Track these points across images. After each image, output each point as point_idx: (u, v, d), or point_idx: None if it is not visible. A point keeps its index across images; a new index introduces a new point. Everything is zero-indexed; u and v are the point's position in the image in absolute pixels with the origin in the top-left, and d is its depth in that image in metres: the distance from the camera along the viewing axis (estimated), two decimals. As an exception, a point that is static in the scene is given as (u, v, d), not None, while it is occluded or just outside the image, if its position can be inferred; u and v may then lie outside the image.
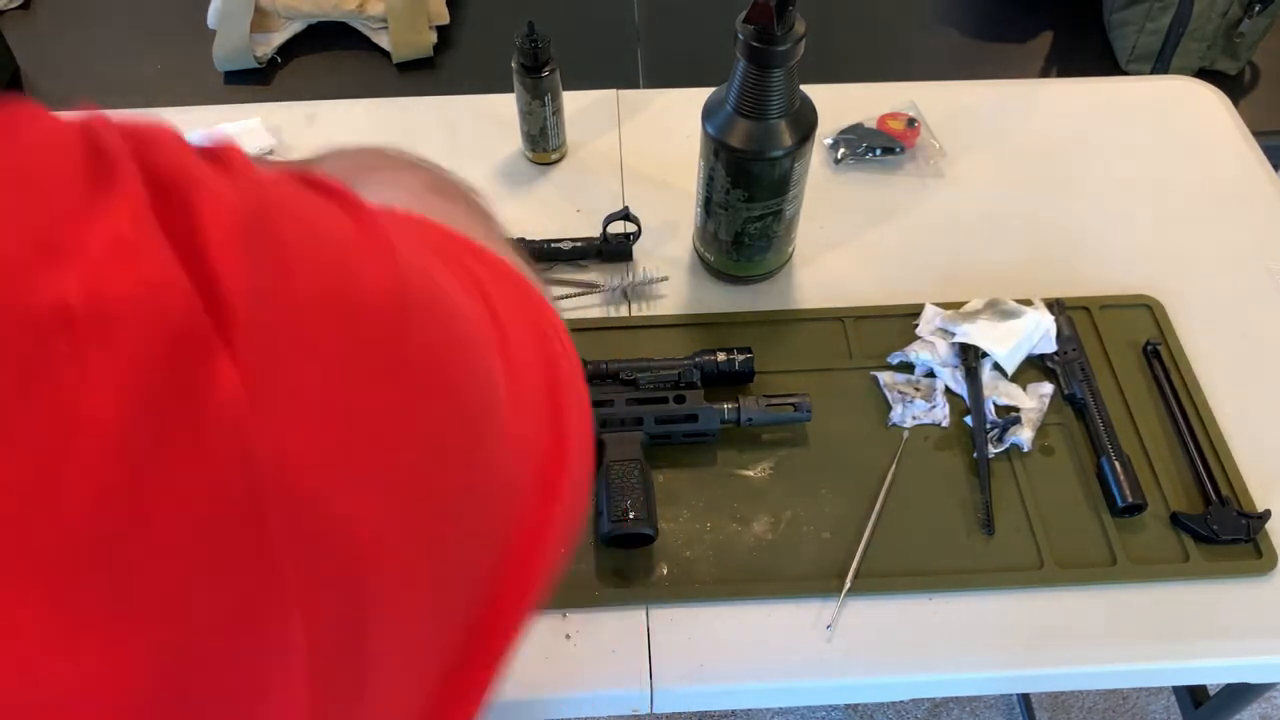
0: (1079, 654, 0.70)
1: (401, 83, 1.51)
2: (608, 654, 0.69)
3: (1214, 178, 1.01)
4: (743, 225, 0.84)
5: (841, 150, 1.01)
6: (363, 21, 1.53)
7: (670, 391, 0.78)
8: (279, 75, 1.52)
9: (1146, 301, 0.89)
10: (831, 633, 0.70)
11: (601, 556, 0.73)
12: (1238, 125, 1.06)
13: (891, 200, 0.98)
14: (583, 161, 1.02)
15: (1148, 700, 1.56)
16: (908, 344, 0.85)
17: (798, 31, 0.73)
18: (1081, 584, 0.72)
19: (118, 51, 1.57)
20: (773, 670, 0.69)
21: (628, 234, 0.92)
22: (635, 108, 1.08)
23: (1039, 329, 0.83)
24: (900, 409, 0.81)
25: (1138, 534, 0.75)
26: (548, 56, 0.93)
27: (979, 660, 0.70)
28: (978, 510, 0.76)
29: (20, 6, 1.63)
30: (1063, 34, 1.61)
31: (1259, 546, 0.74)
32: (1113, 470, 0.76)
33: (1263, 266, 0.93)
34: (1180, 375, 0.83)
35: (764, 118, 0.77)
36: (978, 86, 1.12)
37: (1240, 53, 1.49)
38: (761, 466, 0.78)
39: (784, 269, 0.92)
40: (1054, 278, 0.90)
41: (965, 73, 1.48)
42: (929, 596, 0.72)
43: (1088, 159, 1.02)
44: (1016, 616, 0.71)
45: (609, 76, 1.21)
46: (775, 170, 0.79)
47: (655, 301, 0.90)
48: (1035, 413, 0.80)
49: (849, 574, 0.72)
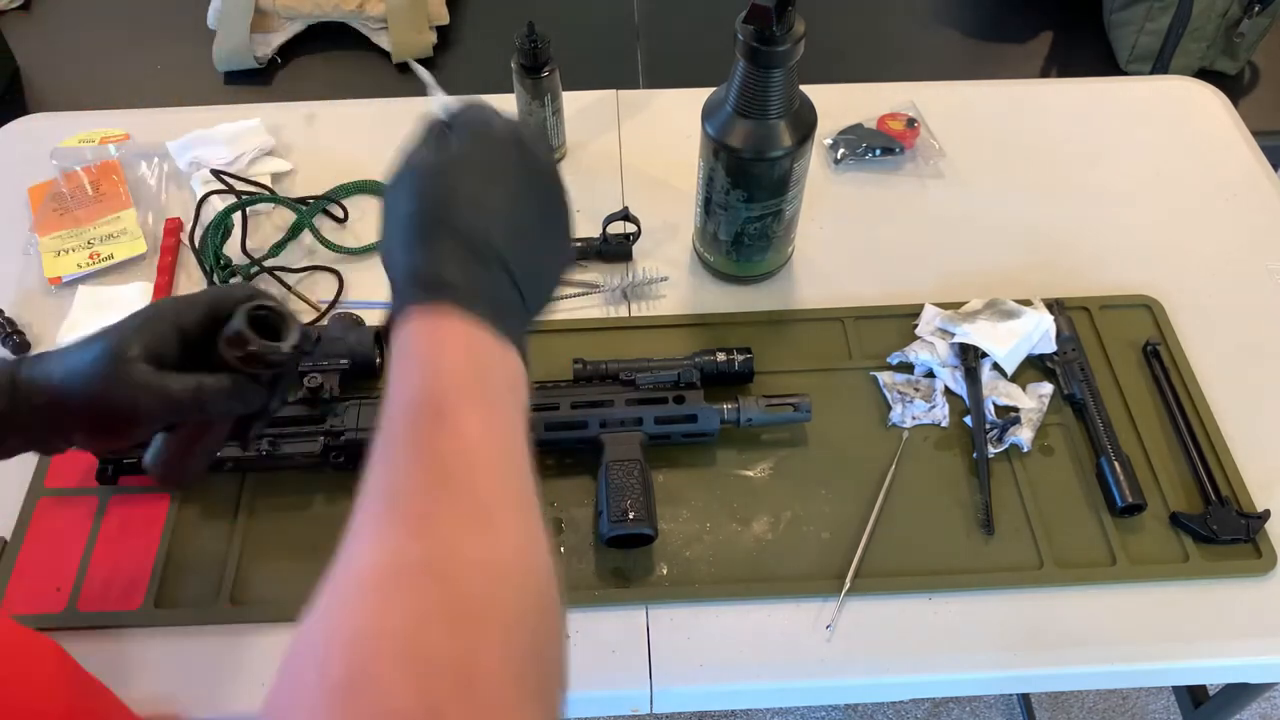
0: (1079, 654, 0.70)
1: (401, 83, 1.51)
2: (608, 654, 0.69)
3: (1214, 178, 1.01)
4: (743, 225, 0.84)
5: (841, 150, 1.01)
6: (363, 21, 1.54)
7: (670, 392, 0.78)
8: (279, 75, 1.53)
9: (1146, 301, 0.89)
10: (831, 633, 0.70)
11: (601, 556, 0.73)
12: (1238, 125, 1.06)
13: (891, 200, 0.98)
14: (583, 161, 1.02)
15: (1148, 700, 1.56)
16: (907, 344, 0.85)
17: (797, 31, 0.73)
18: (1081, 584, 0.72)
19: (118, 51, 1.57)
20: (773, 670, 0.69)
21: (628, 234, 0.92)
22: (635, 108, 1.08)
23: (1039, 329, 0.83)
24: (900, 409, 0.81)
25: (1137, 534, 0.75)
26: (548, 56, 0.93)
27: (979, 660, 0.70)
28: (977, 510, 0.76)
29: (20, 6, 1.63)
30: (1063, 34, 1.61)
31: (1259, 546, 0.74)
32: (1112, 470, 0.76)
33: (1263, 266, 0.93)
34: (1180, 375, 0.83)
35: (764, 118, 0.77)
36: (978, 86, 1.12)
37: (1240, 53, 1.50)
38: (761, 466, 0.78)
39: (784, 269, 0.92)
40: (1054, 278, 0.90)
41: (965, 73, 1.48)
42: (929, 596, 0.72)
43: (1088, 159, 1.02)
44: (1016, 616, 0.71)
45: (609, 76, 1.21)
46: (775, 170, 0.79)
47: (655, 301, 0.90)
48: (1035, 413, 0.80)
49: (849, 574, 0.72)
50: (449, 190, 0.48)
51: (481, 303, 0.45)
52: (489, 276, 0.47)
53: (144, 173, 1.00)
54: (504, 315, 0.46)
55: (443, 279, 0.45)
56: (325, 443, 0.74)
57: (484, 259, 0.47)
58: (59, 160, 1.01)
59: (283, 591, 0.72)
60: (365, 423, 0.75)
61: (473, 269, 0.46)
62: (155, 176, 1.00)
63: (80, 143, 1.02)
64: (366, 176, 0.99)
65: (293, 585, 0.72)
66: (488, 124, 0.51)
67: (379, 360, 0.81)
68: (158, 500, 0.76)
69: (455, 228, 0.47)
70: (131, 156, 1.01)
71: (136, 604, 0.71)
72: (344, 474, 0.76)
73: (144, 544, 0.73)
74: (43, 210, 0.97)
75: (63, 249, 0.93)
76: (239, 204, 0.93)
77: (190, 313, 0.55)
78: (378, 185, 0.98)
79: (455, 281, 0.45)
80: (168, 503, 0.76)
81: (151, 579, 0.72)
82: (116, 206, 0.96)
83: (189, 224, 0.95)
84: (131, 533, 0.74)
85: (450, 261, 0.46)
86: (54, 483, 0.77)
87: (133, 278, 0.92)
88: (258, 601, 0.71)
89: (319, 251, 0.93)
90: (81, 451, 0.74)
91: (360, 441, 0.74)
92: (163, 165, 1.01)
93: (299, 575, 0.72)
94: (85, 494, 0.76)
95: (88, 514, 0.75)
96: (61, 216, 0.96)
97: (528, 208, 0.50)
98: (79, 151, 1.01)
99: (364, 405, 0.76)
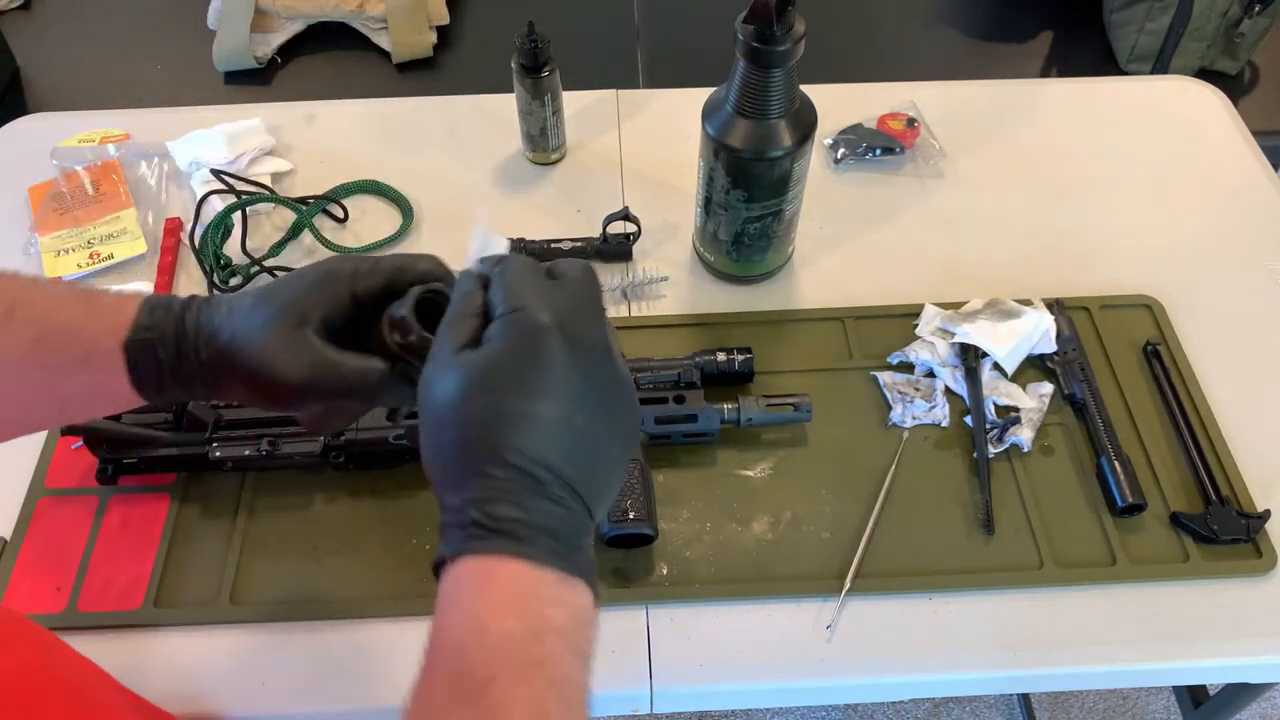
0: (1079, 654, 0.70)
1: (401, 83, 1.51)
2: (608, 654, 0.69)
3: (1214, 178, 1.01)
4: (743, 225, 0.84)
5: (841, 150, 1.01)
6: (363, 21, 1.54)
7: (670, 391, 0.78)
8: (279, 75, 1.53)
9: (1146, 301, 0.89)
10: (831, 633, 0.70)
11: (601, 556, 0.73)
12: (1238, 125, 1.06)
13: (891, 200, 0.98)
14: (582, 162, 1.02)
15: (1148, 700, 1.56)
16: (908, 344, 0.85)
17: (798, 31, 0.73)
18: (1081, 584, 0.72)
19: (118, 51, 1.57)
20: (773, 670, 0.69)
21: (628, 234, 0.92)
22: (635, 108, 1.08)
23: (1039, 329, 0.83)
24: (900, 409, 0.81)
25: (1137, 534, 0.75)
26: (547, 56, 0.93)
27: (979, 660, 0.70)
28: (978, 510, 0.76)
29: (20, 6, 1.63)
30: (1063, 34, 1.61)
31: (1259, 546, 0.74)
32: (1112, 470, 0.76)
33: (1263, 266, 0.93)
34: (1180, 375, 0.83)
35: (764, 118, 0.77)
36: (978, 86, 1.12)
37: (1240, 53, 1.50)
38: (761, 467, 0.78)
39: (784, 269, 0.92)
40: (1054, 278, 0.90)
41: (965, 73, 1.48)
42: (929, 596, 0.72)
43: (1087, 159, 1.02)
44: (1016, 616, 0.71)
45: (609, 76, 1.21)
46: (775, 170, 0.79)
47: (655, 301, 0.90)
48: (1035, 413, 0.80)
49: (849, 574, 0.72)
50: (495, 413, 0.42)
51: (540, 540, 0.41)
52: (547, 506, 0.42)
53: (144, 172, 1.00)
54: (567, 543, 0.42)
55: (494, 518, 0.41)
56: (325, 443, 0.74)
57: (542, 485, 0.42)
58: (59, 160, 1.01)
59: (283, 591, 0.72)
60: (365, 423, 0.75)
61: (529, 501, 0.42)
62: (155, 176, 1.00)
63: (80, 143, 1.02)
64: (366, 176, 0.99)
65: (293, 585, 0.72)
66: (530, 315, 0.44)
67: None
68: (158, 500, 0.76)
69: (505, 458, 0.42)
70: (131, 156, 1.01)
71: (136, 604, 0.71)
72: (344, 474, 0.76)
73: (144, 544, 0.73)
74: (43, 210, 0.97)
75: (63, 249, 0.93)
76: (239, 204, 0.93)
77: (369, 280, 0.51)
78: (378, 185, 0.98)
79: (508, 521, 0.41)
80: (168, 503, 0.76)
81: (151, 579, 0.72)
82: (116, 206, 0.96)
83: (189, 224, 0.95)
84: (131, 533, 0.74)
85: (503, 499, 0.41)
86: (54, 483, 0.77)
87: (132, 278, 0.92)
88: (258, 601, 0.71)
89: (319, 251, 0.93)
90: (84, 451, 0.74)
91: (360, 441, 0.74)
92: (163, 165, 1.01)
93: (299, 575, 0.73)
94: (85, 494, 0.76)
95: (88, 514, 0.75)
96: (61, 216, 0.96)
97: (586, 405, 0.44)
98: (79, 151, 1.02)
99: (364, 405, 0.76)
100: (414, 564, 0.73)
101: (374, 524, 0.75)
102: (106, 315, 0.50)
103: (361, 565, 0.73)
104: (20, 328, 0.49)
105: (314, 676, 0.68)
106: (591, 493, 0.44)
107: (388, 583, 0.72)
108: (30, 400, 0.52)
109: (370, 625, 0.70)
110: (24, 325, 0.49)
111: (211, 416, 0.75)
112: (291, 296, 0.50)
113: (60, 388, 0.51)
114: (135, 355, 0.50)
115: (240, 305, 0.50)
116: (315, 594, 0.72)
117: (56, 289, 0.52)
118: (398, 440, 0.74)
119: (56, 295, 0.51)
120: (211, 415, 0.75)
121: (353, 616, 0.71)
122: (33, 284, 0.51)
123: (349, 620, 0.70)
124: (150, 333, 0.50)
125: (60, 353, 0.50)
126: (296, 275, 0.51)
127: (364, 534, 0.74)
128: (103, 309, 0.51)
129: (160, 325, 0.50)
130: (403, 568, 0.73)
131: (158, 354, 0.50)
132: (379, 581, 0.72)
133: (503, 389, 0.43)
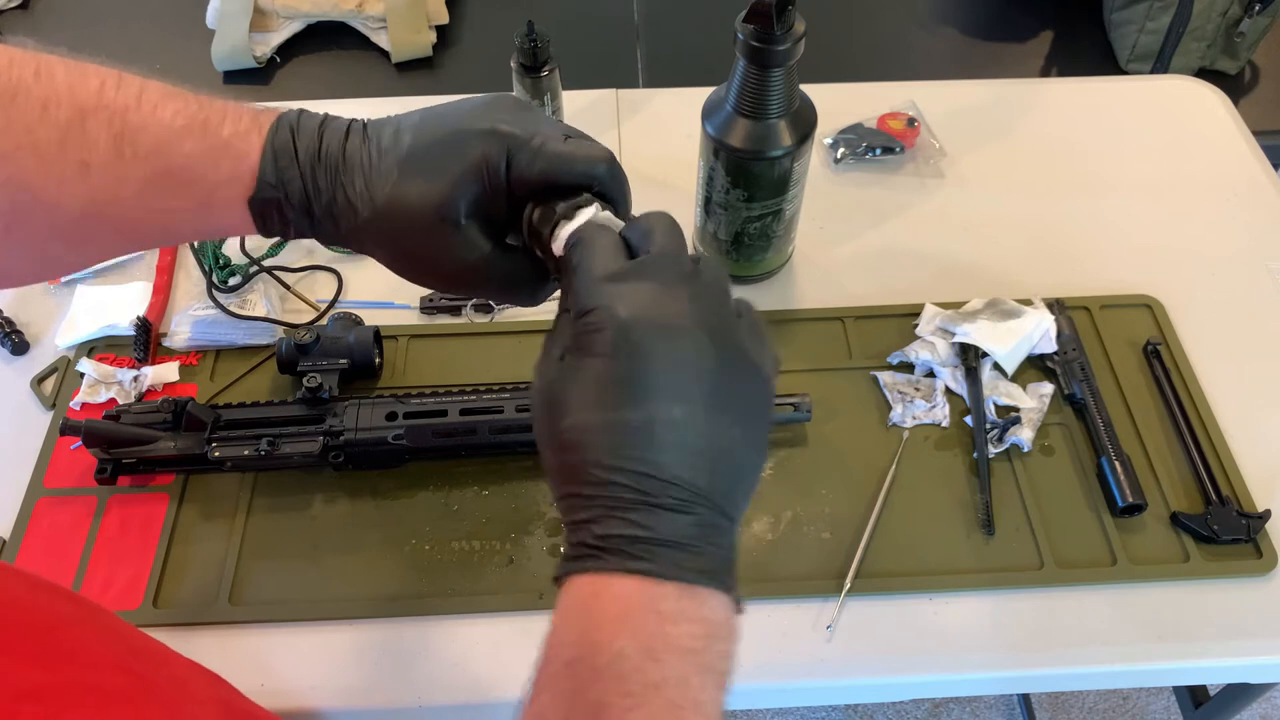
0: (1079, 654, 0.70)
1: (401, 83, 1.51)
2: (607, 654, 0.69)
3: (1214, 178, 1.01)
4: (742, 225, 0.84)
5: (841, 150, 1.01)
6: (362, 21, 1.53)
7: (670, 391, 0.78)
8: (278, 75, 1.52)
9: (1146, 301, 0.89)
10: (831, 633, 0.70)
11: (601, 556, 0.73)
12: (1238, 125, 1.06)
13: (891, 200, 0.98)
14: (582, 161, 1.02)
15: (1148, 700, 1.56)
16: (908, 344, 0.85)
17: (797, 31, 0.73)
18: (1081, 584, 0.72)
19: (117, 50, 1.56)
20: (773, 670, 0.69)
21: (627, 234, 0.92)
22: (635, 107, 1.07)
23: (1039, 329, 0.83)
24: (900, 409, 0.81)
25: (1138, 534, 0.75)
26: (547, 56, 0.93)
27: (979, 660, 0.70)
28: (978, 510, 0.76)
29: (20, 6, 1.63)
30: (1063, 34, 1.61)
31: (1259, 546, 0.74)
32: (1113, 470, 0.76)
33: (1263, 266, 0.92)
34: (1180, 375, 0.83)
35: (764, 117, 0.77)
36: (978, 86, 1.11)
37: (1240, 52, 1.50)
38: (761, 466, 0.78)
39: (784, 269, 0.92)
40: (1054, 278, 0.90)
41: (965, 73, 1.48)
42: (929, 596, 0.72)
43: (1087, 159, 1.02)
44: (1016, 616, 0.71)
45: (609, 76, 1.21)
46: (775, 170, 0.79)
47: (655, 301, 0.90)
48: (1035, 413, 0.80)
49: (849, 574, 0.72)
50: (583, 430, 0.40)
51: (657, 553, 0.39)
52: (662, 516, 0.39)
53: (143, 172, 1.00)
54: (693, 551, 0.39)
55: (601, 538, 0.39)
56: (324, 443, 0.74)
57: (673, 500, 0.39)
58: (58, 160, 1.01)
59: (282, 591, 0.72)
60: (364, 423, 0.75)
61: (636, 515, 0.39)
62: (155, 176, 1.00)
63: (80, 142, 1.02)
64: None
65: (292, 585, 0.72)
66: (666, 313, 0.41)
67: (378, 360, 0.81)
68: (157, 500, 0.76)
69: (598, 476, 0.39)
70: (131, 156, 1.01)
71: (136, 604, 0.71)
72: (344, 474, 0.76)
73: (143, 544, 0.73)
74: (42, 210, 0.96)
75: (62, 249, 0.93)
76: (238, 204, 0.93)
77: (528, 170, 0.48)
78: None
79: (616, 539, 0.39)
80: (167, 503, 0.76)
81: (150, 579, 0.72)
82: (116, 206, 0.96)
83: (188, 224, 0.94)
84: (131, 533, 0.74)
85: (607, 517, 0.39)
86: (53, 483, 0.77)
87: (132, 277, 0.92)
88: (257, 601, 0.71)
89: (318, 251, 0.93)
90: (83, 451, 0.74)
91: (360, 441, 0.74)
92: (162, 165, 1.01)
93: (299, 575, 0.73)
94: (84, 494, 0.76)
95: (87, 514, 0.75)
96: (61, 216, 0.96)
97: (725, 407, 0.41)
98: (78, 151, 1.01)
99: (363, 405, 0.76)
100: (414, 564, 0.73)
101: (374, 524, 0.75)
102: (226, 159, 0.47)
103: (361, 565, 0.73)
104: (130, 165, 0.45)
105: (314, 677, 0.68)
106: (717, 489, 0.40)
107: (387, 583, 0.72)
108: (139, 234, 0.49)
109: (370, 625, 0.70)
110: (134, 163, 0.45)
111: (211, 416, 0.75)
112: (449, 186, 0.46)
113: (176, 227, 0.49)
114: (260, 210, 0.47)
115: (381, 172, 0.47)
116: (315, 594, 0.72)
117: (163, 110, 0.47)
118: (397, 440, 0.74)
119: (166, 122, 0.46)
120: (211, 415, 0.75)
121: (352, 617, 0.70)
122: (137, 101, 0.46)
123: (349, 621, 0.70)
124: (276, 191, 0.47)
125: (177, 195, 0.47)
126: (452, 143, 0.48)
127: (364, 534, 0.74)
128: (223, 147, 0.47)
129: (288, 182, 0.47)
130: (403, 568, 0.73)
131: (284, 213, 0.48)
132: (379, 582, 0.72)
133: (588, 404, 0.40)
